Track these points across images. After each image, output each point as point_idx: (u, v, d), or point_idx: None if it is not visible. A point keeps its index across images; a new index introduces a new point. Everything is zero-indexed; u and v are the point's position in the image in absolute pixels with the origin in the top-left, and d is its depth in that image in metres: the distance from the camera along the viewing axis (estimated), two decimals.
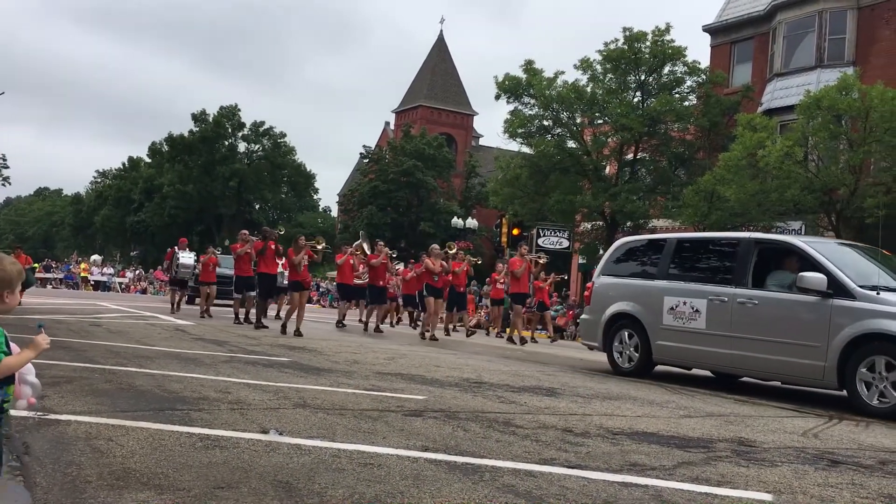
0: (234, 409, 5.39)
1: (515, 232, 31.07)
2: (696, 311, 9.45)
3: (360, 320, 20.08)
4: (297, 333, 13.19)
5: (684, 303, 9.60)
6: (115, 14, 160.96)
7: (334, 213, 73.98)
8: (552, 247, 29.91)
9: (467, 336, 18.94)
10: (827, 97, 19.77)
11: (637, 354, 10.22)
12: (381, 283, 17.54)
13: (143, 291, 44.59)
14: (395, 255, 19.36)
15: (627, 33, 27.42)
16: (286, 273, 16.00)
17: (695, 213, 23.45)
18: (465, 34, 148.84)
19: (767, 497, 3.89)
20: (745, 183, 20.86)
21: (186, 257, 19.78)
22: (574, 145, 29.48)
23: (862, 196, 19.51)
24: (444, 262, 16.70)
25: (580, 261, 31.84)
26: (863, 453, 5.41)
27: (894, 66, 23.69)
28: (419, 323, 20.23)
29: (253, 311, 15.98)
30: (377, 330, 17.30)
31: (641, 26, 33.56)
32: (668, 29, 27.30)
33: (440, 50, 69.03)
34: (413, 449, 4.44)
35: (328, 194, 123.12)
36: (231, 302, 17.69)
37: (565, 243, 30.72)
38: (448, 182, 55.06)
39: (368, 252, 17.99)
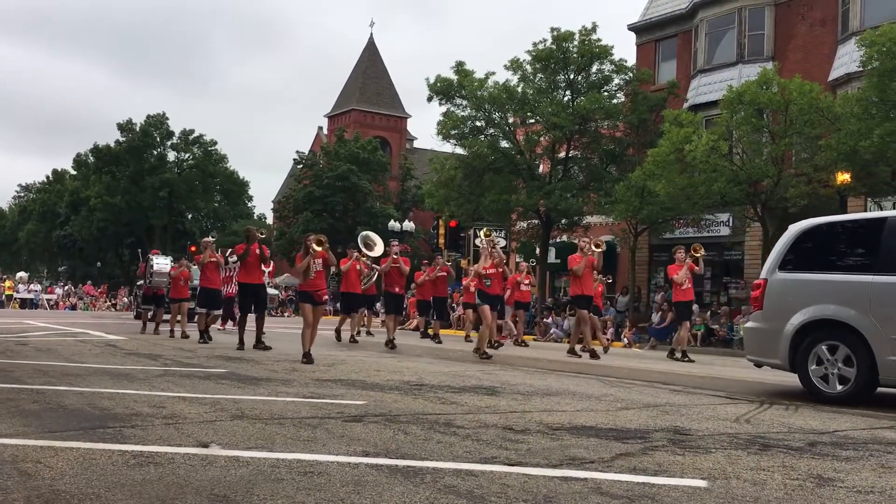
0: (168, 423, 5.27)
1: (452, 225, 31.13)
2: None
3: (368, 331, 18.96)
4: (307, 359, 10.53)
5: None
6: (23, 20, 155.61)
7: (270, 220, 73.04)
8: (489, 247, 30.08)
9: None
10: (748, 92, 20.38)
11: (852, 374, 7.66)
12: (396, 289, 15.68)
13: (73, 307, 43.30)
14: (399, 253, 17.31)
15: (555, 33, 27.81)
16: (271, 281, 14.69)
17: (627, 209, 23.92)
18: (394, 37, 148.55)
19: (702, 483, 3.98)
20: (674, 177, 21.36)
21: (161, 263, 17.98)
22: (507, 145, 29.76)
23: (784, 187, 20.18)
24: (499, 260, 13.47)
25: (517, 259, 32.12)
26: (792, 436, 5.58)
27: (810, 60, 24.57)
28: (427, 332, 18.91)
29: (216, 325, 14.51)
30: (390, 345, 14.60)
31: (568, 26, 34.02)
32: (594, 28, 27.80)
33: (371, 53, 68.80)
34: (353, 455, 4.41)
35: (262, 201, 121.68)
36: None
37: (502, 242, 30.92)
38: (384, 185, 54.90)
39: (378, 252, 16.00)
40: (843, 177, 18.85)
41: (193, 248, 36.56)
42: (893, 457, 4.88)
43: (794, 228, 8.78)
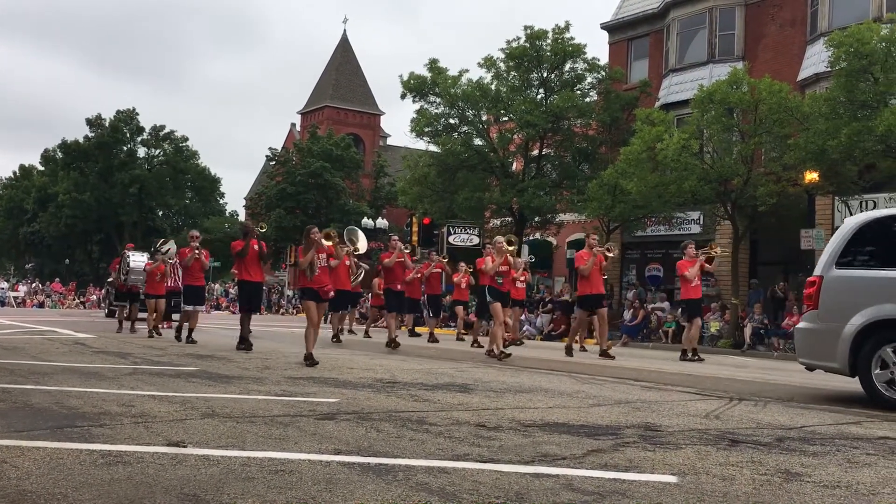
0: (137, 422, 5.21)
1: (426, 222, 31.11)
2: None
3: (350, 329, 18.30)
4: (309, 361, 9.91)
5: None
6: None
7: (242, 217, 72.50)
8: (463, 244, 30.15)
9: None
10: (719, 91, 20.55)
11: None
12: (398, 286, 15.08)
13: (41, 305, 42.70)
14: (409, 250, 16.49)
15: (529, 31, 27.87)
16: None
17: (599, 207, 24.05)
18: (368, 33, 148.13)
19: (672, 479, 4.01)
20: (646, 175, 21.51)
21: (137, 260, 17.09)
22: (480, 143, 29.79)
23: (754, 185, 20.39)
24: (511, 259, 12.86)
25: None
26: (761, 432, 5.65)
27: (779, 60, 24.85)
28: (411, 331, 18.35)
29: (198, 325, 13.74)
30: (393, 344, 14.13)
31: (542, 24, 34.17)
32: (567, 27, 27.89)
33: (344, 49, 68.49)
34: (325, 453, 4.39)
35: (234, 198, 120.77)
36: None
37: (475, 240, 30.98)
38: (357, 182, 54.75)
39: (362, 249, 14.74)
40: (811, 176, 19.09)
41: None
42: (859, 452, 4.96)
43: (852, 222, 8.14)
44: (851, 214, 22.44)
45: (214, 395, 6.74)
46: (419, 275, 17.17)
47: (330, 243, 10.51)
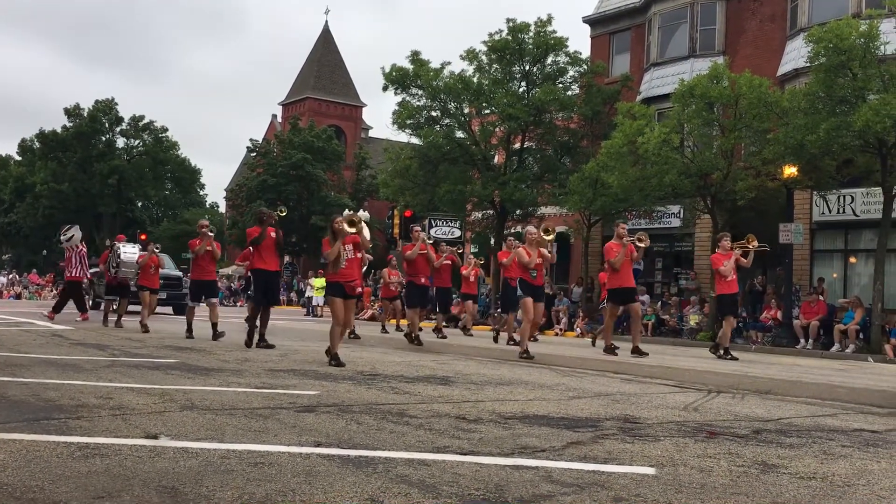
0: (115, 415, 5.17)
1: (407, 214, 31.05)
2: None
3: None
4: (335, 361, 9.28)
5: None
6: None
7: (222, 208, 72.07)
8: (444, 237, 30.16)
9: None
10: (699, 85, 20.64)
11: None
12: (422, 279, 14.33)
13: (18, 297, 42.26)
14: (431, 241, 15.83)
15: (511, 24, 27.85)
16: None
17: (581, 200, 24.11)
18: (350, 24, 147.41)
19: (651, 471, 4.04)
20: (627, 169, 21.58)
21: (129, 252, 16.15)
22: (462, 135, 29.76)
23: (734, 180, 20.52)
24: (545, 252, 12.12)
25: (472, 250, 32.23)
26: (738, 424, 5.70)
27: (760, 56, 25.01)
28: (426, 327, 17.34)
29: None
30: (416, 340, 13.58)
31: (524, 17, 34.18)
32: (549, 20, 27.88)
33: (326, 41, 68.10)
34: (305, 445, 4.38)
35: (215, 190, 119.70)
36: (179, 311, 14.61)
37: (457, 233, 31.03)
38: (338, 174, 54.56)
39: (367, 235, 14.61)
40: (790, 170, 19.23)
41: (144, 237, 35.87)
42: (835, 444, 5.01)
43: None
44: (829, 209, 22.74)
45: (193, 387, 6.71)
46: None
47: (353, 230, 9.52)
